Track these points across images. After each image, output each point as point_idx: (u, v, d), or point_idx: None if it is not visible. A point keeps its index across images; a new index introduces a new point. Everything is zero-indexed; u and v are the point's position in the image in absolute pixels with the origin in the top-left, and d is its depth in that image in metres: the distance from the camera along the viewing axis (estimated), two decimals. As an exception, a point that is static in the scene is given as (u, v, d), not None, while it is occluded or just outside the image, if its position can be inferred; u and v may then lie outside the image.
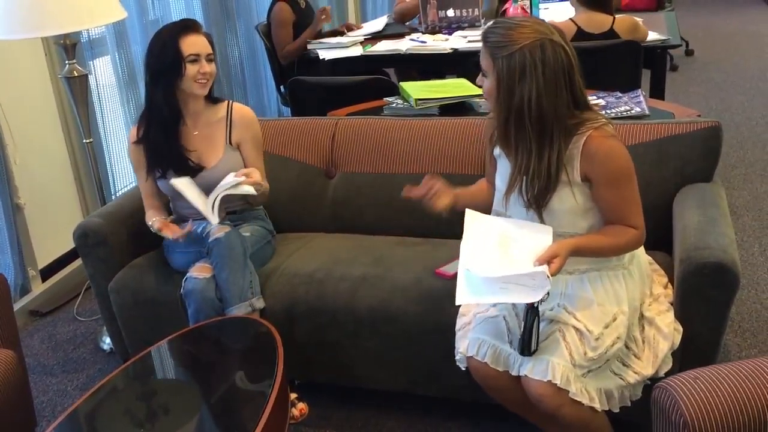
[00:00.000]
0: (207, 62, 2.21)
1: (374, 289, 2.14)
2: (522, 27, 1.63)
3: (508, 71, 1.61)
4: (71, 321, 2.95)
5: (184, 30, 2.19)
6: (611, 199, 1.71)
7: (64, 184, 3.21)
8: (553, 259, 1.63)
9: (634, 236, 1.73)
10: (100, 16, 2.38)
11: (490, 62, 1.65)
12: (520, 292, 1.64)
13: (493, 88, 1.67)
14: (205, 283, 2.13)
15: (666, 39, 3.43)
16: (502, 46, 1.63)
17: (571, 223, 1.75)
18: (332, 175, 2.59)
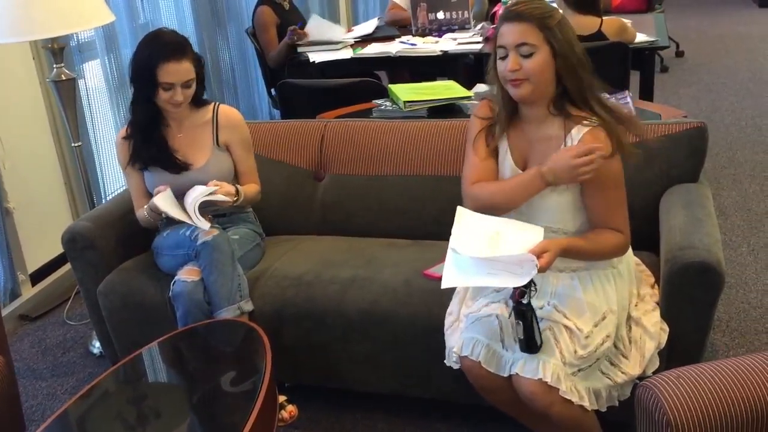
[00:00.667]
0: (183, 88, 2.20)
1: (363, 291, 2.15)
2: (543, 2, 1.71)
3: (565, 35, 1.68)
4: (61, 325, 2.94)
5: (166, 57, 2.15)
6: (598, 201, 1.73)
7: (54, 188, 3.21)
8: (543, 254, 1.64)
9: (620, 242, 1.75)
10: (87, 19, 2.38)
11: (541, 34, 1.67)
12: (506, 277, 1.64)
13: (546, 61, 1.69)
14: (194, 286, 2.13)
15: (654, 40, 3.45)
16: (549, 15, 1.68)
17: (563, 219, 1.77)
18: (321, 177, 2.60)
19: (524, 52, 1.69)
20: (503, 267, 1.65)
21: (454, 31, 4.06)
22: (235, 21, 4.45)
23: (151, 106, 2.24)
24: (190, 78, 2.20)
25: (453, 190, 2.40)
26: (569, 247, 1.71)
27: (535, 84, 1.71)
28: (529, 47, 1.68)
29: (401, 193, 2.49)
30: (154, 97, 2.21)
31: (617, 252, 1.78)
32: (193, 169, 2.30)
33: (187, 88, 2.21)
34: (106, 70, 3.45)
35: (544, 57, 1.68)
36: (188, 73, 2.19)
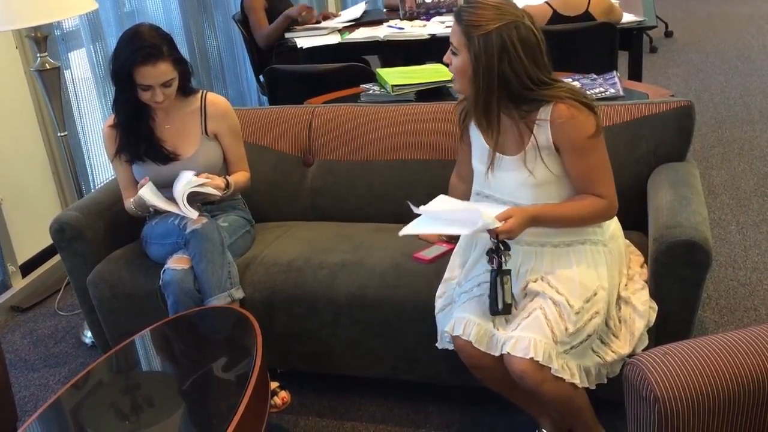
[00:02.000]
0: (163, 88, 2.17)
1: (352, 276, 2.15)
2: (495, 7, 1.67)
3: (486, 50, 1.65)
4: (52, 316, 2.94)
5: (141, 61, 2.11)
6: (578, 166, 1.74)
7: (42, 178, 3.19)
8: (508, 219, 1.68)
9: (602, 205, 1.76)
10: (70, 8, 2.36)
11: (464, 40, 1.68)
12: (458, 226, 1.73)
13: (464, 66, 1.70)
14: (184, 275, 2.13)
15: (642, 20, 3.44)
16: (477, 25, 1.65)
17: (548, 194, 1.77)
18: (310, 163, 2.59)
19: (452, 50, 1.73)
20: (456, 220, 1.74)
21: (442, 14, 4.04)
22: (222, 8, 4.43)
23: (134, 101, 2.21)
24: (169, 78, 2.17)
25: (441, 174, 2.40)
26: (539, 214, 1.73)
27: (458, 82, 1.75)
28: (453, 47, 1.73)
29: (390, 177, 2.49)
30: (136, 95, 2.19)
31: (599, 217, 1.79)
32: (181, 159, 2.29)
33: (166, 87, 2.18)
34: (92, 59, 3.43)
35: (462, 61, 1.71)
36: (165, 74, 2.15)
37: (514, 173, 1.77)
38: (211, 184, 2.19)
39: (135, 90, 2.17)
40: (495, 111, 1.72)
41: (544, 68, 1.70)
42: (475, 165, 1.88)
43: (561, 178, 1.77)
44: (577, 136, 1.71)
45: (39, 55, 2.49)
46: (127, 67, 2.12)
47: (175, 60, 2.18)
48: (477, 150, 1.86)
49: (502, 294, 1.71)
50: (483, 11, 1.67)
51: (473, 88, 1.71)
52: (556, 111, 1.71)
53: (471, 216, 1.68)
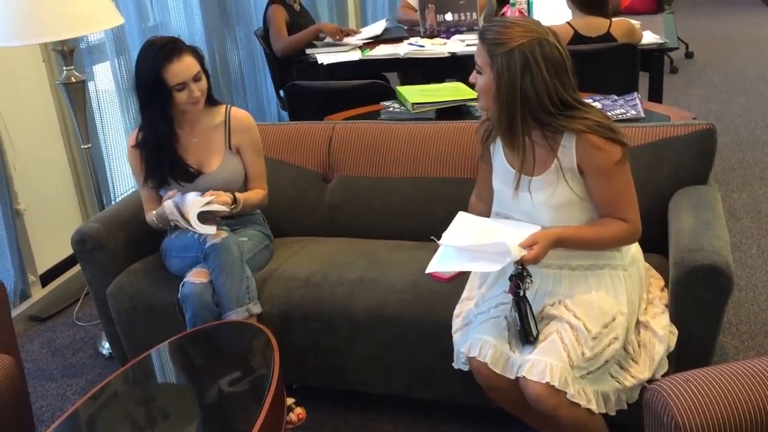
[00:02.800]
0: (195, 83, 2.19)
1: (370, 293, 2.15)
2: (519, 25, 1.68)
3: (509, 68, 1.65)
4: (71, 326, 2.96)
5: (167, 58, 2.13)
6: (602, 190, 1.74)
7: (64, 189, 3.23)
8: (533, 246, 1.66)
9: (626, 229, 1.75)
10: (97, 22, 2.39)
11: (488, 59, 1.69)
12: (485, 262, 1.70)
13: (489, 85, 1.71)
14: (202, 288, 2.14)
15: (663, 42, 3.43)
16: (500, 43, 1.66)
17: (570, 217, 1.77)
18: (329, 179, 2.60)
19: (477, 70, 1.74)
20: (482, 255, 1.70)
21: (462, 32, 4.06)
22: (244, 23, 4.47)
23: (166, 114, 2.22)
24: (197, 71, 2.20)
25: (460, 193, 2.41)
26: (564, 237, 1.72)
27: (483, 101, 1.76)
28: (477, 67, 1.73)
29: (408, 195, 2.49)
30: (170, 106, 2.20)
31: (622, 241, 1.78)
32: (205, 174, 2.31)
33: (198, 81, 2.21)
34: (116, 72, 3.47)
35: (486, 80, 1.71)
36: (193, 66, 2.19)
37: (536, 194, 1.77)
38: (218, 201, 2.18)
39: (167, 98, 2.18)
40: (519, 130, 1.72)
41: (569, 87, 1.70)
42: (496, 185, 1.88)
43: (584, 200, 1.76)
44: (603, 162, 1.71)
45: (65, 68, 2.53)
46: (155, 71, 2.14)
47: (194, 52, 2.21)
48: (499, 170, 1.86)
49: (534, 321, 1.70)
50: (506, 29, 1.67)
51: (497, 107, 1.72)
52: (582, 138, 1.71)
53: (498, 249, 1.66)
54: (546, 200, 1.76)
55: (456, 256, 1.74)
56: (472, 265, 1.74)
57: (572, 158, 1.73)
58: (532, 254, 1.66)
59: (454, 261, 1.75)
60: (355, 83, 3.12)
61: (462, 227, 1.81)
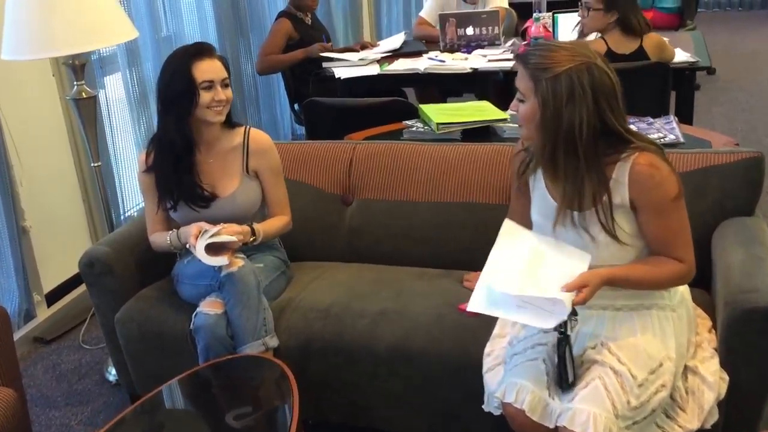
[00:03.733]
0: (222, 88, 2.10)
1: (394, 326, 2.03)
2: (565, 49, 1.57)
3: (554, 94, 1.54)
4: (76, 349, 2.84)
5: (197, 55, 2.07)
6: (657, 228, 1.62)
7: (72, 206, 3.12)
8: (582, 289, 1.54)
9: (679, 270, 1.63)
10: (111, 35, 2.29)
11: (531, 85, 1.58)
12: (535, 316, 1.56)
13: (532, 112, 1.59)
14: (216, 319, 2.02)
15: (695, 60, 3.31)
16: (544, 68, 1.55)
17: (618, 255, 1.64)
18: (349, 201, 2.48)
19: (519, 98, 1.63)
20: (534, 302, 1.56)
21: (483, 47, 3.95)
22: (259, 33, 4.37)
23: (183, 130, 2.10)
24: (226, 76, 2.11)
25: (486, 219, 2.30)
26: (615, 277, 1.60)
27: (526, 130, 1.64)
28: (520, 94, 1.62)
29: (432, 219, 2.37)
30: (194, 105, 2.07)
31: (676, 282, 1.67)
32: (220, 198, 2.19)
33: (225, 87, 2.11)
34: (128, 84, 3.38)
35: (530, 108, 1.60)
36: (222, 71, 2.10)
37: (581, 231, 1.65)
38: (227, 232, 2.05)
39: (191, 101, 2.05)
40: (563, 162, 1.60)
41: (619, 115, 1.58)
42: (536, 218, 1.76)
43: (634, 237, 1.64)
44: (659, 197, 1.59)
45: (76, 83, 2.42)
46: (184, 66, 2.05)
47: (224, 60, 2.13)
48: (539, 203, 1.74)
49: (572, 365, 1.58)
50: (552, 53, 1.56)
51: (541, 137, 1.60)
52: (636, 169, 1.59)
53: (554, 307, 1.53)
54: (593, 239, 1.63)
55: (503, 300, 1.60)
56: (520, 315, 1.59)
57: (624, 193, 1.60)
58: (581, 298, 1.54)
59: (499, 305, 1.60)
60: (377, 101, 3.00)
61: (509, 248, 1.67)
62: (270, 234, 2.21)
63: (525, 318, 1.59)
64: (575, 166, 1.59)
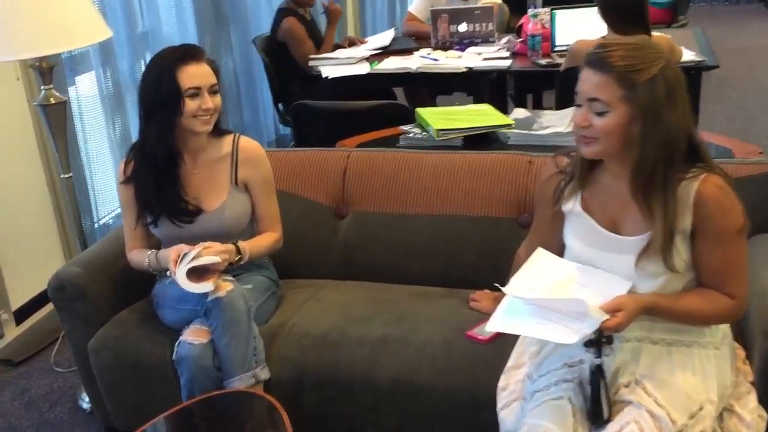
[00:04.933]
0: (210, 95, 1.91)
1: (396, 357, 1.86)
2: (648, 46, 1.42)
3: (655, 98, 1.37)
4: (47, 372, 2.63)
5: (184, 58, 1.87)
6: (715, 259, 1.46)
7: (42, 217, 2.91)
8: (617, 313, 1.38)
9: (731, 307, 1.48)
10: (81, 36, 2.08)
11: (622, 92, 1.39)
12: (557, 330, 1.40)
13: (621, 123, 1.41)
14: (201, 350, 1.84)
15: (701, 60, 3.17)
16: (639, 70, 1.37)
17: (665, 285, 1.49)
18: (343, 214, 2.30)
19: (596, 109, 1.43)
20: (558, 317, 1.41)
21: (477, 44, 3.78)
22: (240, 29, 4.16)
23: (166, 139, 1.92)
24: (215, 83, 1.92)
25: (492, 233, 2.14)
26: (657, 306, 1.45)
27: (606, 145, 1.46)
28: (601, 104, 1.42)
29: (434, 234, 2.20)
30: (179, 114, 1.88)
31: (723, 318, 1.52)
32: (205, 213, 2.00)
33: (214, 94, 1.92)
34: (101, 83, 3.16)
35: (618, 119, 1.41)
36: (211, 76, 1.91)
37: (630, 257, 1.48)
38: (210, 252, 1.85)
39: (175, 108, 1.87)
40: (661, 176, 1.41)
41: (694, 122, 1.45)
42: (571, 242, 1.59)
43: (687, 267, 1.49)
44: (724, 225, 1.44)
45: (43, 87, 2.21)
46: (171, 71, 1.85)
47: (213, 64, 1.94)
48: (578, 226, 1.58)
49: (607, 400, 1.42)
50: (638, 51, 1.39)
51: (637, 152, 1.41)
52: (705, 192, 1.43)
53: (575, 308, 1.38)
54: (643, 266, 1.47)
55: (522, 312, 1.45)
56: (538, 329, 1.43)
57: (687, 216, 1.44)
58: (615, 322, 1.37)
59: (519, 320, 1.45)
60: (370, 104, 2.82)
61: (537, 271, 1.52)
62: (257, 253, 2.02)
63: (546, 332, 1.42)
64: (671, 184, 1.42)
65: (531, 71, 3.46)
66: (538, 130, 2.46)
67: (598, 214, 1.54)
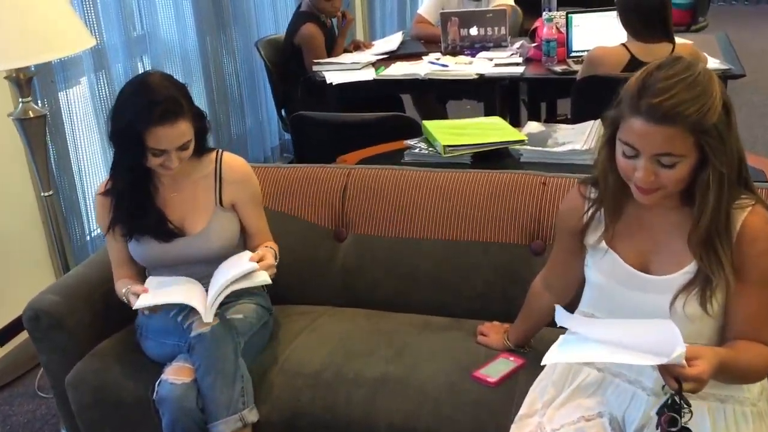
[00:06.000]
0: (179, 151, 1.75)
1: (396, 399, 1.71)
2: (695, 67, 1.23)
3: (719, 134, 1.21)
4: (31, 398, 2.50)
5: (159, 120, 1.68)
6: (755, 302, 1.30)
7: (29, 233, 2.77)
8: (695, 361, 1.19)
9: None
10: (61, 45, 1.94)
11: (693, 138, 1.22)
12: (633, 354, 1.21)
13: (690, 172, 1.25)
14: (184, 390, 1.69)
15: (727, 68, 2.99)
16: (708, 109, 1.20)
17: (698, 330, 1.33)
18: (343, 237, 2.15)
19: (665, 162, 1.25)
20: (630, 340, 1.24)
21: (488, 49, 3.60)
22: (243, 32, 4.01)
23: (138, 168, 1.79)
24: (188, 140, 1.76)
25: (503, 260, 1.99)
26: (726, 362, 1.25)
27: (672, 191, 1.30)
28: (672, 158, 1.24)
29: (439, 260, 2.04)
30: (142, 160, 1.76)
31: (765, 372, 1.36)
32: (188, 235, 1.86)
33: (183, 150, 1.76)
34: (94, 91, 3.02)
35: (689, 166, 1.25)
36: (184, 135, 1.74)
37: (662, 297, 1.33)
38: (264, 265, 1.75)
39: (143, 154, 1.74)
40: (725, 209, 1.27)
41: None
42: (594, 277, 1.45)
43: (720, 310, 1.33)
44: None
45: (21, 100, 2.06)
46: (137, 128, 1.69)
47: (195, 115, 1.76)
48: (602, 262, 1.43)
49: None
50: (695, 86, 1.21)
51: (712, 199, 1.25)
52: (751, 225, 1.28)
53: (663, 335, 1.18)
54: (679, 309, 1.31)
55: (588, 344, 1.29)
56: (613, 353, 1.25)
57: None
58: (697, 371, 1.18)
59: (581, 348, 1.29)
60: (373, 117, 2.65)
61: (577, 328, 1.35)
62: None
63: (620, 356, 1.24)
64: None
65: (545, 78, 3.29)
66: (553, 146, 2.29)
67: (626, 250, 1.39)
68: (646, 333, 1.23)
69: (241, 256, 1.82)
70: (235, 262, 1.79)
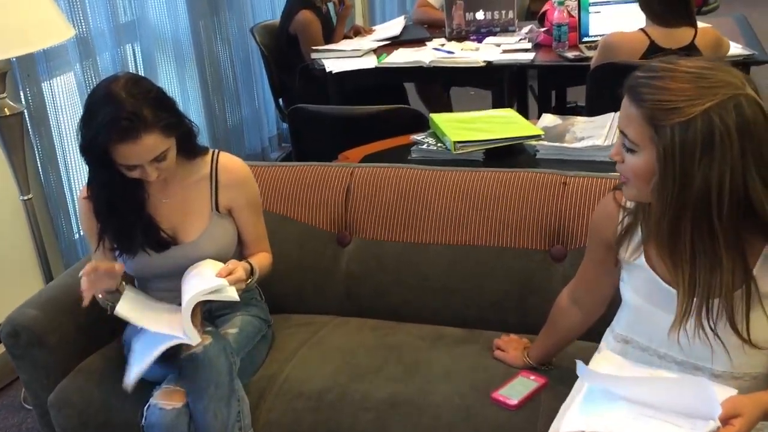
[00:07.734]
0: (156, 163, 1.59)
1: (406, 424, 1.58)
2: (700, 77, 1.10)
3: (684, 146, 1.09)
4: (17, 410, 2.37)
5: (119, 137, 1.51)
6: None
7: (14, 236, 2.60)
8: (733, 420, 1.09)
9: None
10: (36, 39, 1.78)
11: (648, 131, 1.12)
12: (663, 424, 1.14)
13: (648, 168, 1.15)
14: (175, 417, 1.55)
15: (750, 54, 2.83)
16: (671, 108, 1.09)
17: (750, 360, 1.22)
18: (346, 241, 2.00)
19: (626, 145, 1.18)
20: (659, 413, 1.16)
21: (495, 34, 3.44)
22: (236, 12, 3.83)
23: (117, 177, 1.62)
24: (161, 151, 1.59)
25: (519, 267, 1.84)
26: None
27: (637, 190, 1.20)
28: (629, 142, 1.16)
29: (450, 267, 1.90)
30: (116, 175, 1.61)
31: None
32: (182, 244, 1.71)
33: (160, 161, 1.60)
34: (81, 82, 2.85)
35: (645, 162, 1.15)
36: (154, 148, 1.57)
37: (704, 327, 1.21)
38: (232, 279, 1.60)
39: (116, 168, 1.59)
40: (689, 239, 1.14)
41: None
42: (629, 296, 1.33)
43: None
44: None
45: (-3, 95, 1.91)
46: (100, 144, 1.53)
47: (167, 126, 1.58)
48: (637, 279, 1.30)
49: None
50: (678, 83, 1.10)
51: (659, 202, 1.14)
52: None
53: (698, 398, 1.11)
54: (721, 337, 1.19)
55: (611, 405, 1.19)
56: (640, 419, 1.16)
57: None
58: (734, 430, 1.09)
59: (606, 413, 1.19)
60: (377, 110, 2.49)
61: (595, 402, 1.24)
62: (262, 274, 1.76)
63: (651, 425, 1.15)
64: (710, 246, 1.13)
65: (556, 65, 3.13)
66: (572, 141, 2.14)
67: (664, 268, 1.25)
68: (680, 395, 1.13)
69: (204, 265, 1.65)
70: (202, 271, 1.63)
